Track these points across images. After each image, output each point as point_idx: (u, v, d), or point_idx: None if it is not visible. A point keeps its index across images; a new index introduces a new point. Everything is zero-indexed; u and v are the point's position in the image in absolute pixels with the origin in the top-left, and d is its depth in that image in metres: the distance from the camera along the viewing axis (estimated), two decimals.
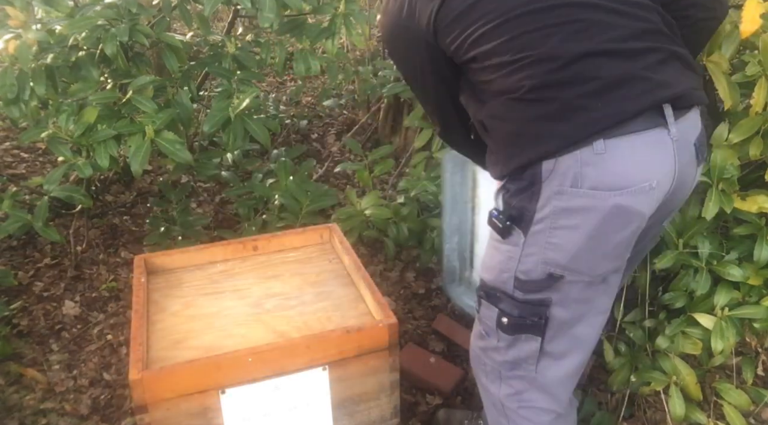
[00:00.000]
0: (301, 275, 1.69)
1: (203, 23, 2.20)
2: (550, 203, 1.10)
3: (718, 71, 1.49)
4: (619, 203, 1.07)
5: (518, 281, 1.19)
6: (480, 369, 1.39)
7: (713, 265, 1.59)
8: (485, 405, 1.45)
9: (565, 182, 1.08)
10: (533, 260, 1.16)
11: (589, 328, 1.27)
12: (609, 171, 1.07)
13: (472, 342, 1.40)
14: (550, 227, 1.12)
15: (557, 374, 1.30)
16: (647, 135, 1.08)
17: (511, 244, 1.18)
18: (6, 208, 2.03)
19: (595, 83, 1.07)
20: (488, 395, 1.40)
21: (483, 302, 1.28)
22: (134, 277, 1.62)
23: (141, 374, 1.27)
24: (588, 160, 1.06)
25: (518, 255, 1.17)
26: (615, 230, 1.11)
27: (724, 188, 1.52)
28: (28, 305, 2.31)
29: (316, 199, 2.39)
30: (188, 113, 2.09)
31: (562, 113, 1.07)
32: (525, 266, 1.17)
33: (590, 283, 1.19)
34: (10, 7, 1.93)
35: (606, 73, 1.07)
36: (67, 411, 1.90)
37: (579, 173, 1.07)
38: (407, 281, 2.51)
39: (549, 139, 1.08)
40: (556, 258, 1.14)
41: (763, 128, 1.50)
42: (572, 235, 1.11)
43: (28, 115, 1.99)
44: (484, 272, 1.28)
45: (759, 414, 1.85)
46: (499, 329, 1.25)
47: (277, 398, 1.39)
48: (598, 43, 1.08)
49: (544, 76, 1.08)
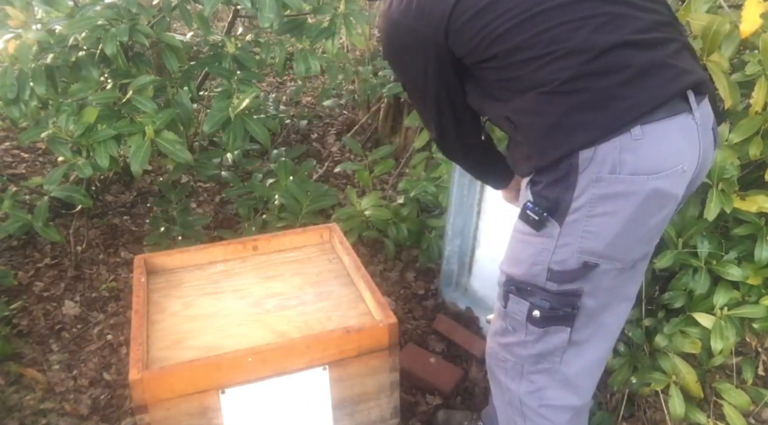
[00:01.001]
0: (301, 275, 1.70)
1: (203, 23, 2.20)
2: (588, 192, 1.12)
3: (718, 71, 1.49)
4: (657, 187, 1.10)
5: (551, 273, 1.19)
6: (498, 367, 1.37)
7: (713, 265, 1.59)
8: (498, 404, 1.43)
9: (603, 170, 1.10)
10: (569, 250, 1.17)
11: (615, 316, 1.30)
12: (646, 156, 1.10)
13: (490, 339, 1.38)
14: (587, 216, 1.13)
15: (583, 363, 1.30)
16: (677, 120, 1.12)
17: (546, 236, 1.18)
18: (6, 208, 2.03)
19: (627, 72, 1.10)
20: (506, 393, 1.38)
21: (511, 297, 1.26)
22: (134, 277, 1.62)
23: (141, 374, 1.27)
24: (626, 146, 1.09)
25: (553, 246, 1.17)
26: (651, 213, 1.15)
27: (724, 188, 1.52)
28: (28, 305, 2.31)
29: (316, 199, 2.39)
30: (188, 113, 2.09)
31: (599, 102, 1.10)
32: (560, 257, 1.18)
33: (622, 270, 1.22)
34: (10, 7, 1.94)
35: (636, 62, 1.11)
36: (67, 411, 1.90)
37: (618, 160, 1.09)
38: (407, 281, 2.51)
39: (588, 128, 1.10)
40: (593, 246, 1.16)
41: (763, 128, 1.50)
42: (610, 221, 1.13)
43: (28, 115, 1.99)
44: (512, 267, 1.26)
45: (759, 414, 1.85)
46: (530, 322, 1.24)
47: (277, 398, 1.39)
48: (624, 34, 1.12)
49: (578, 68, 1.10)
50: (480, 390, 1.99)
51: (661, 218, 1.18)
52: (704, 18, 1.52)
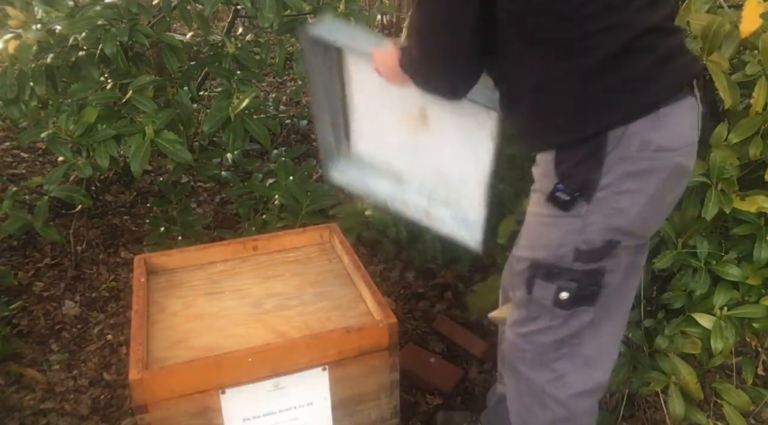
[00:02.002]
0: (301, 275, 1.70)
1: (203, 23, 2.20)
2: (616, 169, 1.13)
3: (718, 71, 1.49)
4: (679, 162, 1.16)
5: (578, 252, 1.20)
6: (518, 358, 1.36)
7: (712, 265, 1.59)
8: (513, 395, 1.41)
9: (630, 147, 1.12)
10: (595, 228, 1.18)
11: (630, 291, 1.32)
12: (671, 133, 1.14)
13: (510, 330, 1.36)
14: (614, 193, 1.15)
15: (601, 342, 1.31)
16: (688, 101, 1.18)
17: (574, 215, 1.18)
18: (6, 208, 2.03)
19: (657, 55, 1.15)
20: (524, 383, 1.36)
21: (537, 282, 1.25)
22: (134, 277, 1.62)
23: (141, 374, 1.27)
24: (654, 125, 1.13)
25: (580, 226, 1.18)
26: (672, 188, 1.20)
27: (724, 188, 1.52)
28: (28, 305, 2.31)
29: (316, 199, 2.39)
30: (188, 113, 2.09)
31: (634, 81, 1.13)
32: (587, 236, 1.18)
33: (639, 246, 1.25)
34: (10, 7, 1.94)
35: (663, 46, 1.16)
36: (67, 411, 1.90)
37: (645, 138, 1.12)
38: (407, 281, 2.52)
39: (622, 107, 1.12)
40: (619, 223, 1.17)
41: (763, 128, 1.50)
42: (636, 198, 1.16)
43: (28, 115, 2.00)
44: (536, 251, 1.25)
45: (759, 414, 1.85)
46: (556, 306, 1.24)
47: (277, 398, 1.39)
48: (657, 18, 1.16)
49: (621, 44, 1.12)
50: (480, 390, 1.99)
51: (678, 193, 1.24)
52: (704, 18, 1.52)
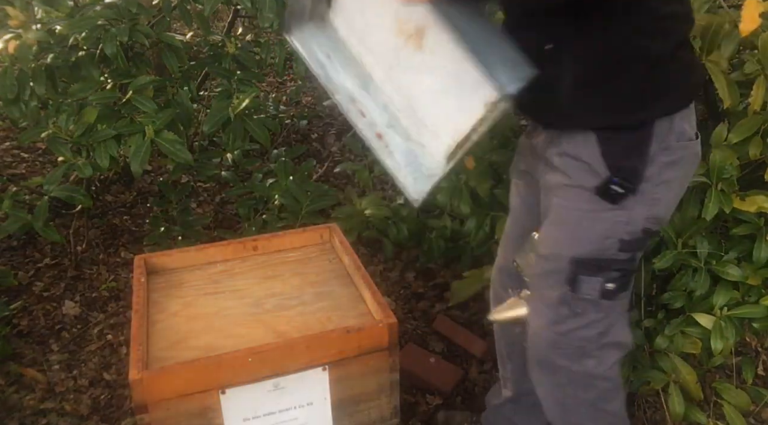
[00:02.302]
0: (301, 275, 1.70)
1: (203, 23, 2.20)
2: (658, 159, 1.16)
3: (717, 70, 1.49)
4: (698, 150, 1.24)
5: (623, 243, 1.21)
6: (558, 355, 1.32)
7: (712, 265, 1.59)
8: (552, 388, 1.39)
9: (670, 137, 1.16)
10: (639, 219, 1.20)
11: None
12: (692, 123, 1.22)
13: (543, 331, 1.32)
14: (655, 183, 1.17)
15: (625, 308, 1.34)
16: None
17: (621, 208, 1.19)
18: (6, 208, 2.03)
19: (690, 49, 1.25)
20: (566, 375, 1.34)
21: (582, 278, 1.24)
22: (134, 277, 1.62)
23: (141, 374, 1.27)
24: (687, 115, 1.19)
25: (627, 217, 1.19)
26: (690, 175, 1.28)
27: (724, 188, 1.52)
28: (28, 305, 2.31)
29: (316, 199, 2.39)
30: (188, 113, 2.09)
31: (685, 71, 1.20)
32: (632, 227, 1.20)
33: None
34: (10, 7, 1.94)
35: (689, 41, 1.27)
36: (67, 411, 1.90)
37: (681, 128, 1.18)
38: (407, 281, 2.52)
39: (673, 96, 1.17)
40: (657, 213, 1.21)
41: (763, 128, 1.50)
42: (671, 187, 1.21)
43: (28, 115, 1.99)
44: (579, 247, 1.24)
45: (759, 414, 1.85)
46: (603, 298, 1.25)
47: (277, 398, 1.39)
48: None
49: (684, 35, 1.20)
50: (480, 390, 1.99)
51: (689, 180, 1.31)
52: (704, 17, 1.52)
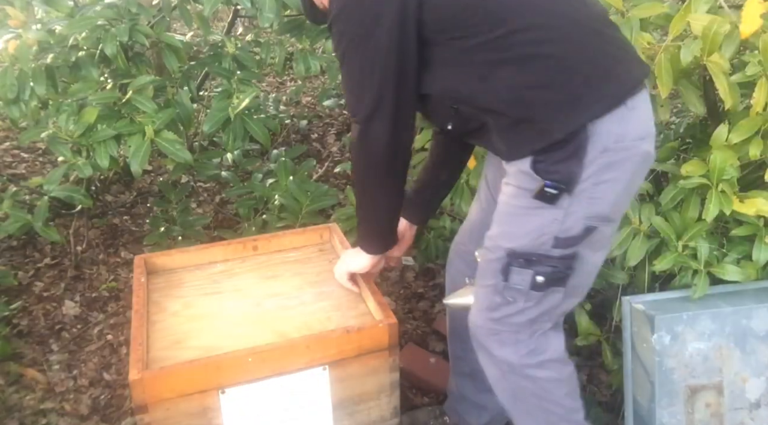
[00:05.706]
0: (301, 275, 1.70)
1: (203, 23, 2.20)
2: (596, 161, 1.19)
3: (718, 71, 1.49)
4: (647, 150, 1.24)
5: (557, 240, 1.24)
6: (492, 341, 1.37)
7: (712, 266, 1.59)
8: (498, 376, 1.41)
9: (609, 140, 1.18)
10: (576, 217, 1.23)
11: (597, 265, 1.36)
12: (638, 123, 1.22)
13: (479, 316, 1.37)
14: (594, 184, 1.20)
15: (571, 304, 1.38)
16: (645, 91, 1.27)
17: (557, 207, 1.22)
18: (6, 208, 2.03)
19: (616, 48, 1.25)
20: (505, 364, 1.37)
21: (514, 269, 1.28)
22: (134, 277, 1.62)
23: (141, 374, 1.27)
24: (624, 116, 1.20)
25: (562, 216, 1.23)
26: (641, 173, 1.28)
27: (724, 189, 1.52)
28: (28, 305, 2.31)
29: (316, 199, 2.39)
30: (188, 113, 2.09)
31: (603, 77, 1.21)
32: (567, 225, 1.23)
33: (611, 227, 1.31)
34: (10, 7, 1.94)
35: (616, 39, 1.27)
36: (67, 411, 1.90)
37: (620, 129, 1.19)
38: (407, 281, 2.52)
39: (596, 101, 1.18)
40: (598, 211, 1.23)
41: (763, 129, 1.50)
42: (614, 186, 1.22)
43: (28, 115, 1.99)
44: (514, 240, 1.28)
45: None
46: (532, 289, 1.29)
47: (277, 398, 1.39)
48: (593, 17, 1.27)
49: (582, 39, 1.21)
50: None
51: (643, 178, 1.32)
52: (704, 18, 1.52)
